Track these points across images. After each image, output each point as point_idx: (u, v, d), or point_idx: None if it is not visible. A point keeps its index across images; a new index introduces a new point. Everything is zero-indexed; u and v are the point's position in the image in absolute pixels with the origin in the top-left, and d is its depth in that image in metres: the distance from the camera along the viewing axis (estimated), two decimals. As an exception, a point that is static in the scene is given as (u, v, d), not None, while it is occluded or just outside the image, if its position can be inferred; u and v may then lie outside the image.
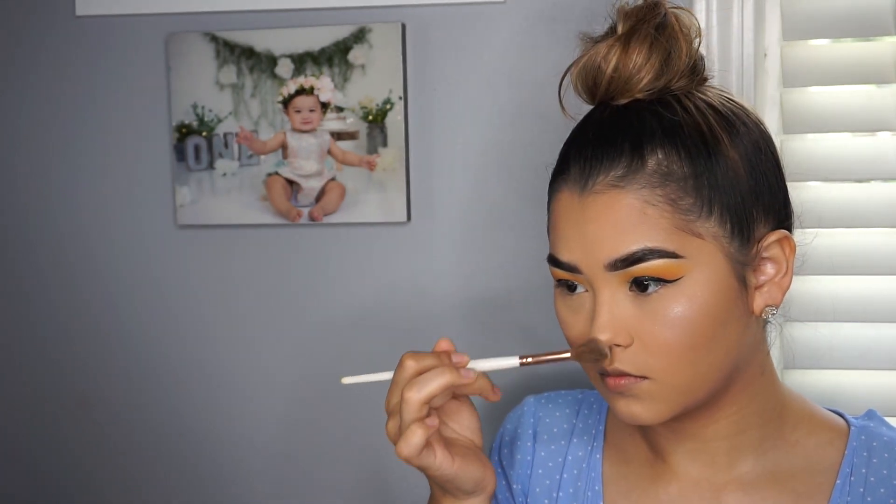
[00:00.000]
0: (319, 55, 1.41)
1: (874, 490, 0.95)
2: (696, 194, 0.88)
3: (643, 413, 0.91)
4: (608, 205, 0.88)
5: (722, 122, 0.91)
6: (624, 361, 0.89)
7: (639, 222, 0.87)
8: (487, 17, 1.39)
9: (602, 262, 0.88)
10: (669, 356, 0.88)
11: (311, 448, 1.48)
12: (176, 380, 1.50)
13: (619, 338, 0.89)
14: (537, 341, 1.41)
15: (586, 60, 0.93)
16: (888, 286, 1.35)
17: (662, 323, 0.88)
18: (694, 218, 0.88)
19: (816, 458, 0.97)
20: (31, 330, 1.54)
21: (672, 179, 0.88)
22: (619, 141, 0.89)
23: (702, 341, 0.88)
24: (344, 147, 1.42)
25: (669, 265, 0.87)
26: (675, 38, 0.92)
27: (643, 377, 0.89)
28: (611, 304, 0.89)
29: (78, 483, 1.54)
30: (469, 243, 1.42)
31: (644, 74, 0.91)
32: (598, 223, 0.88)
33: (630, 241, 0.87)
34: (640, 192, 0.88)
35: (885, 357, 1.35)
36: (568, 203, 0.91)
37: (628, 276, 0.88)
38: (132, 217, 1.49)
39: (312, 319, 1.47)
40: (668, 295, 0.88)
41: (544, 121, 1.38)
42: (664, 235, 0.87)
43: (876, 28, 1.32)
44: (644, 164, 0.88)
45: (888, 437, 0.98)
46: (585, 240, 0.89)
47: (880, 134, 1.35)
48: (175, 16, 1.45)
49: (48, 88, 1.49)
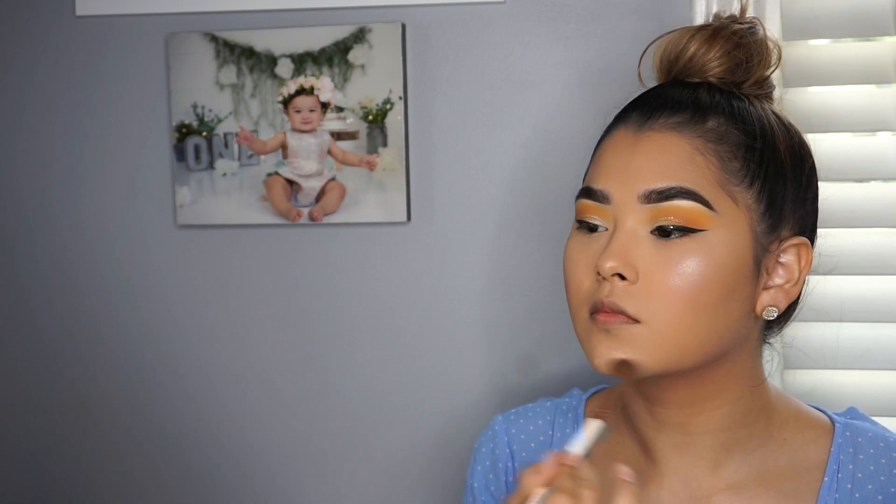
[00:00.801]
0: (319, 55, 1.41)
1: (862, 486, 0.96)
2: (744, 162, 0.92)
3: (622, 358, 0.90)
4: (661, 143, 0.92)
5: (781, 125, 0.97)
6: (623, 297, 0.89)
7: (685, 165, 0.91)
8: (487, 17, 1.39)
9: (638, 191, 0.90)
10: (670, 304, 0.89)
11: (312, 448, 1.48)
12: (176, 380, 1.50)
13: (626, 270, 0.89)
14: (537, 340, 1.41)
15: (672, 37, 0.98)
16: (888, 286, 1.35)
17: (674, 270, 0.89)
18: (736, 182, 0.91)
19: (803, 456, 0.98)
20: (32, 330, 1.53)
21: (726, 141, 0.92)
22: (686, 99, 0.94)
23: (705, 301, 0.90)
24: (344, 147, 1.42)
25: (700, 212, 0.90)
26: (760, 50, 0.98)
27: (636, 321, 0.89)
28: (629, 237, 0.91)
29: (78, 483, 1.54)
30: (469, 243, 1.42)
31: (720, 64, 0.96)
32: (645, 156, 0.92)
33: (671, 177, 0.90)
34: (694, 139, 0.92)
35: (885, 357, 1.35)
36: (621, 139, 0.94)
37: (658, 213, 0.90)
38: (132, 217, 1.49)
39: (312, 319, 1.46)
40: (688, 245, 0.89)
41: (545, 121, 1.38)
42: (705, 184, 0.90)
43: (876, 28, 1.32)
44: (705, 121, 0.93)
45: (872, 433, 0.99)
46: (628, 170, 0.92)
47: (880, 134, 1.35)
48: (175, 16, 1.45)
49: (48, 88, 1.49)
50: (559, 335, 1.39)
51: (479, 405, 1.42)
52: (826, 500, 0.95)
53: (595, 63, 1.37)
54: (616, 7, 1.35)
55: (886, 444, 0.98)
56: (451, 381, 1.43)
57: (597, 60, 1.37)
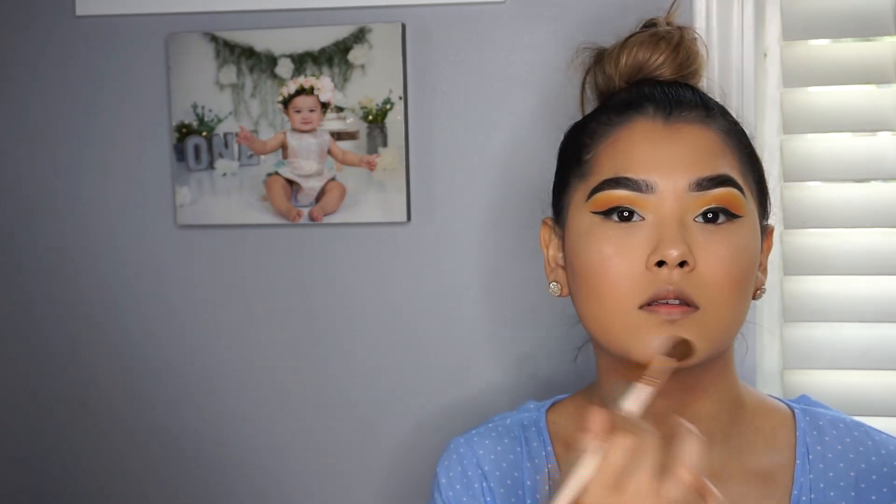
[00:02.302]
0: (319, 55, 1.41)
1: (833, 465, 0.99)
2: (749, 152, 0.99)
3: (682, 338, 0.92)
4: (696, 133, 0.96)
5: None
6: (686, 284, 0.91)
7: (721, 154, 0.95)
8: (487, 17, 1.39)
9: (688, 179, 0.93)
10: (724, 289, 0.92)
11: (312, 448, 1.48)
12: (176, 379, 1.50)
13: (689, 256, 0.91)
14: (537, 340, 1.41)
15: (640, 47, 1.03)
16: (888, 286, 1.35)
17: (724, 254, 0.92)
18: (748, 171, 0.98)
19: (773, 441, 1.01)
20: (32, 330, 1.53)
21: (735, 132, 0.99)
22: (692, 96, 0.99)
23: (746, 281, 0.94)
24: (344, 147, 1.42)
25: (740, 198, 0.94)
26: (695, 45, 1.06)
27: (697, 307, 0.91)
28: (682, 223, 0.92)
29: (78, 483, 1.54)
30: (469, 243, 1.42)
31: (683, 67, 1.04)
32: (687, 146, 0.95)
33: (719, 165, 0.94)
34: (719, 132, 0.97)
35: (885, 357, 1.35)
36: (649, 129, 0.96)
37: (706, 201, 0.93)
38: (132, 217, 1.49)
39: (312, 319, 1.46)
40: (733, 228, 0.93)
41: (545, 120, 1.38)
42: (737, 174, 0.96)
43: (876, 28, 1.32)
44: (716, 116, 0.98)
45: (830, 416, 1.03)
46: (670, 158, 0.94)
47: (880, 134, 1.35)
48: (175, 16, 1.45)
49: (48, 88, 1.49)
50: (559, 335, 1.39)
51: (479, 405, 1.42)
52: (801, 480, 0.98)
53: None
54: (616, 7, 1.35)
55: (846, 426, 1.02)
56: (451, 381, 1.43)
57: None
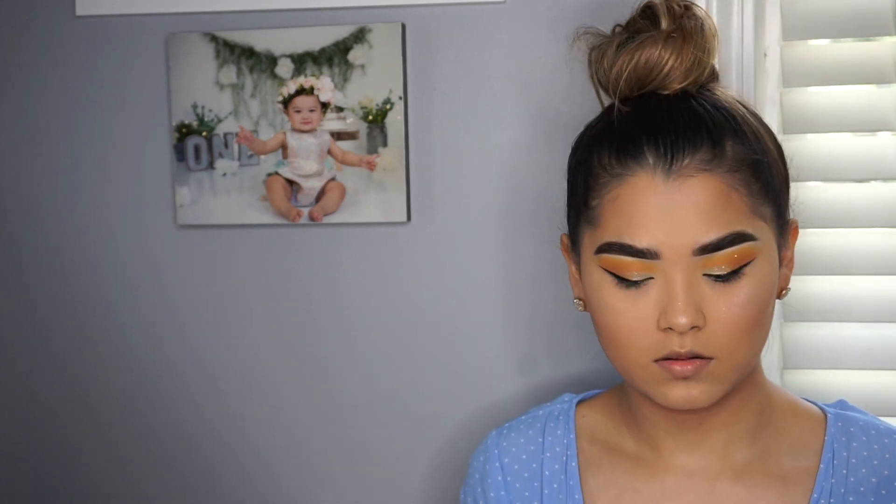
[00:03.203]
0: (319, 55, 1.41)
1: (856, 470, 0.98)
2: (761, 179, 0.93)
3: (700, 396, 0.92)
4: (698, 188, 0.90)
5: (754, 116, 0.97)
6: (698, 343, 0.90)
7: (726, 206, 0.90)
8: (487, 17, 1.39)
9: (691, 245, 0.90)
10: (738, 335, 0.91)
11: (312, 447, 1.48)
12: (176, 379, 1.50)
13: (699, 319, 0.90)
14: (538, 340, 1.41)
15: (643, 53, 0.96)
16: (888, 286, 1.35)
17: (735, 303, 0.90)
18: (761, 201, 0.92)
19: (800, 445, 1.01)
20: (32, 330, 1.53)
21: (745, 164, 0.92)
22: (698, 127, 0.92)
23: (761, 319, 0.92)
24: (344, 147, 1.42)
25: (750, 248, 0.90)
26: (712, 36, 0.98)
27: (710, 358, 0.91)
28: (689, 285, 0.90)
29: (78, 483, 1.54)
30: (469, 243, 1.42)
31: (690, 71, 0.95)
32: (687, 207, 0.90)
33: (721, 225, 0.90)
34: (725, 175, 0.91)
35: (885, 357, 1.35)
36: (648, 187, 0.91)
37: (714, 261, 0.90)
38: (132, 217, 1.49)
39: (312, 319, 1.46)
40: (742, 277, 0.91)
41: (545, 121, 1.38)
42: (745, 219, 0.91)
43: (876, 28, 1.32)
44: (724, 150, 0.91)
45: (863, 422, 1.02)
46: (672, 224, 0.90)
47: (880, 134, 1.35)
48: (175, 16, 1.45)
49: (48, 88, 1.49)
50: (560, 335, 1.39)
51: (479, 405, 1.42)
52: (823, 485, 0.98)
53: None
54: (616, 7, 1.35)
55: (878, 432, 1.01)
56: (451, 381, 1.43)
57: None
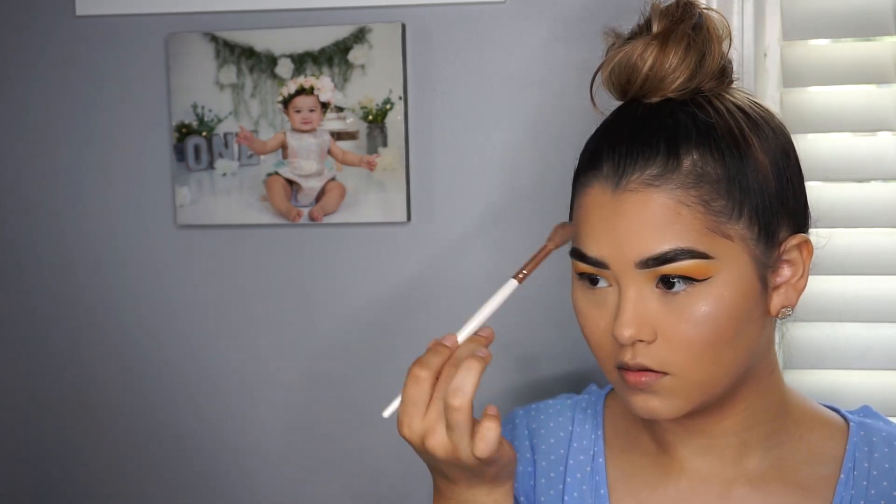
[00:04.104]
0: (319, 55, 1.41)
1: (877, 483, 0.97)
2: (728, 196, 0.89)
3: (661, 408, 0.91)
4: (642, 203, 0.88)
5: (751, 125, 0.92)
6: (646, 356, 0.89)
7: (672, 222, 0.88)
8: (487, 17, 1.39)
9: (633, 259, 0.88)
10: (691, 353, 0.89)
11: (312, 448, 1.48)
12: (176, 379, 1.50)
13: (644, 334, 0.89)
14: (538, 340, 1.41)
15: (621, 57, 0.93)
16: (888, 286, 1.35)
17: (687, 321, 0.88)
18: (725, 220, 0.88)
19: (819, 453, 0.99)
20: (32, 330, 1.54)
21: (706, 181, 0.88)
22: (655, 140, 0.89)
23: (724, 339, 0.89)
24: (344, 147, 1.42)
25: (699, 265, 0.88)
26: (709, 39, 0.93)
27: (664, 373, 0.90)
28: (637, 300, 0.89)
29: (78, 483, 1.54)
30: (469, 243, 1.42)
31: (679, 74, 0.91)
32: (630, 221, 0.88)
33: (662, 241, 0.88)
34: (674, 191, 0.88)
35: (885, 357, 1.35)
36: (599, 199, 0.90)
37: (657, 273, 0.88)
38: (132, 217, 1.49)
39: (312, 319, 1.47)
40: (695, 294, 0.88)
41: (544, 121, 1.38)
42: (696, 236, 0.88)
43: (876, 28, 1.32)
44: (679, 165, 0.88)
45: (887, 432, 1.00)
46: (617, 236, 0.89)
47: (880, 134, 1.35)
48: (175, 16, 1.45)
49: (48, 88, 1.49)
50: (560, 335, 1.39)
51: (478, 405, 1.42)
52: (842, 495, 0.96)
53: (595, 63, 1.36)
54: (616, 7, 1.35)
55: None
56: (451, 381, 1.43)
57: (597, 60, 1.36)
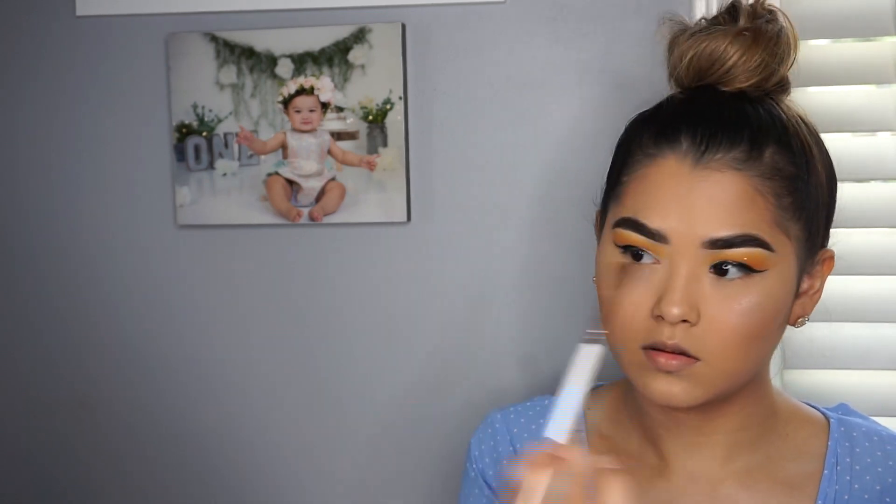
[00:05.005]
0: (319, 55, 1.41)
1: (860, 477, 0.98)
2: (795, 196, 0.91)
3: (681, 394, 0.91)
4: (725, 184, 0.89)
5: (812, 137, 0.96)
6: (686, 339, 0.89)
7: (747, 208, 0.89)
8: (487, 17, 1.39)
9: (701, 237, 0.89)
10: (729, 342, 0.89)
11: (311, 448, 1.48)
12: (176, 379, 1.50)
13: (691, 314, 0.89)
14: (538, 340, 1.41)
15: (708, 44, 0.94)
16: (888, 286, 1.35)
17: (735, 309, 0.89)
18: (788, 217, 0.91)
19: (805, 450, 1.00)
20: (31, 330, 1.53)
21: (780, 176, 0.91)
22: (741, 126, 0.91)
23: (760, 334, 0.90)
24: (344, 147, 1.42)
25: (762, 255, 0.89)
26: (788, 46, 0.96)
27: (696, 359, 0.90)
28: (689, 279, 0.89)
29: (78, 483, 1.54)
30: (469, 243, 1.42)
31: (759, 72, 0.94)
32: (709, 199, 0.89)
33: (734, 224, 0.89)
34: (754, 179, 0.90)
35: (885, 357, 1.35)
36: (675, 172, 0.91)
37: (716, 257, 0.89)
38: (132, 217, 1.49)
39: (312, 320, 1.47)
40: (749, 283, 0.89)
41: (545, 121, 1.38)
42: (765, 226, 0.89)
43: (876, 28, 1.32)
44: (761, 154, 0.90)
45: (866, 427, 1.02)
46: (690, 212, 0.89)
47: (880, 134, 1.35)
48: (175, 16, 1.45)
49: (48, 88, 1.49)
50: (560, 335, 1.39)
51: (479, 405, 1.42)
52: (826, 491, 0.98)
53: (595, 63, 1.37)
54: (616, 7, 1.35)
55: (880, 438, 1.01)
56: (451, 381, 1.43)
57: (597, 60, 1.37)
